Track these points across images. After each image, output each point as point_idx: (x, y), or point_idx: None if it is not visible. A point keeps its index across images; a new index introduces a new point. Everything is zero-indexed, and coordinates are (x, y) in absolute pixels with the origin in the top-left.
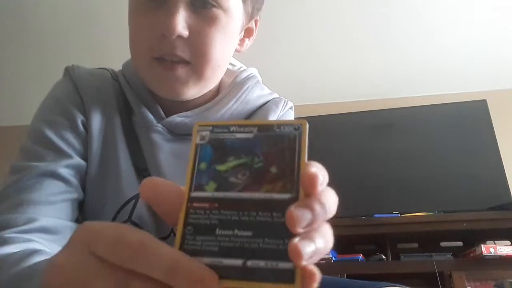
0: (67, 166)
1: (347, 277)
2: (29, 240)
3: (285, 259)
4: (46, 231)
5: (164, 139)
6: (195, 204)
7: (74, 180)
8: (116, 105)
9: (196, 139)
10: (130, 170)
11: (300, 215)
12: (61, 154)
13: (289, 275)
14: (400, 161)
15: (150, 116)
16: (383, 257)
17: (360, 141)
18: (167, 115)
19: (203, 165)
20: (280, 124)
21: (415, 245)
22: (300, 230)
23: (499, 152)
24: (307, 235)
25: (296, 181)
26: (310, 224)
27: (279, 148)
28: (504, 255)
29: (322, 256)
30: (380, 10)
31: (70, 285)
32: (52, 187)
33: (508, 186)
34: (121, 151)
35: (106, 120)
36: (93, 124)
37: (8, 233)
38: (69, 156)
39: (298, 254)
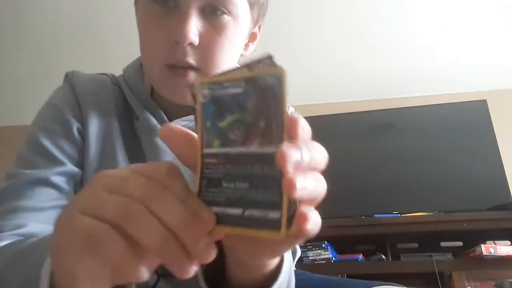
0: (59, 174)
1: (347, 277)
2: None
3: (274, 208)
4: (34, 237)
5: None
6: (207, 160)
7: (66, 187)
8: (115, 110)
9: (200, 98)
10: None
11: (289, 152)
12: (54, 161)
13: (277, 224)
14: (400, 161)
15: (154, 120)
16: (383, 257)
17: (360, 141)
18: (170, 120)
19: (208, 123)
20: (263, 75)
21: (415, 245)
22: (289, 166)
23: (499, 152)
24: (300, 173)
25: (281, 134)
26: (298, 164)
27: (265, 102)
28: (504, 255)
29: (315, 197)
30: (380, 10)
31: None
32: (43, 194)
33: (508, 186)
34: (119, 156)
35: (104, 126)
36: (90, 130)
37: None
38: (62, 164)
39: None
